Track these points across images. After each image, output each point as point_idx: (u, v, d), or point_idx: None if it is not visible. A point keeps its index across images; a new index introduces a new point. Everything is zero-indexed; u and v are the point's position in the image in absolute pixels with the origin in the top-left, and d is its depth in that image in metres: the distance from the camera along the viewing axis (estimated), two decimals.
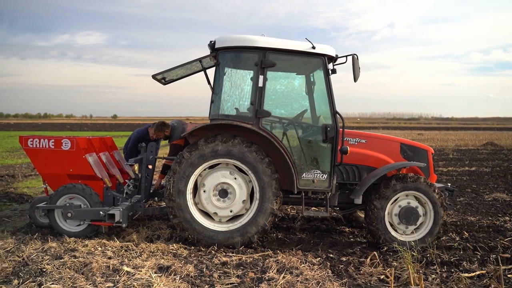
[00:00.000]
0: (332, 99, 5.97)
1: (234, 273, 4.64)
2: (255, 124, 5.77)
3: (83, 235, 5.96)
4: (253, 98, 5.84)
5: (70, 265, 4.67)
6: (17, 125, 66.16)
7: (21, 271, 4.55)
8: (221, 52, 6.02)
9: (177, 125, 7.22)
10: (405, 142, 6.68)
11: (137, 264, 4.77)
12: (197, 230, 5.71)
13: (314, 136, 6.14)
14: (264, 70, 5.81)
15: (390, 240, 5.96)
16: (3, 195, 8.93)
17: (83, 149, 6.19)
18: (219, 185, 5.78)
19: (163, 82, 6.71)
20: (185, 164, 5.66)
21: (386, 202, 5.96)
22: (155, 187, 7.02)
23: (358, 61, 5.85)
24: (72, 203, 5.96)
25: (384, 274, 4.97)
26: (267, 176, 5.67)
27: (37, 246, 5.40)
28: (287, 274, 4.61)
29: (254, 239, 5.76)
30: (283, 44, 5.86)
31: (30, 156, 6.28)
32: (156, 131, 7.25)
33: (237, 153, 5.65)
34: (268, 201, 5.70)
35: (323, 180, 5.99)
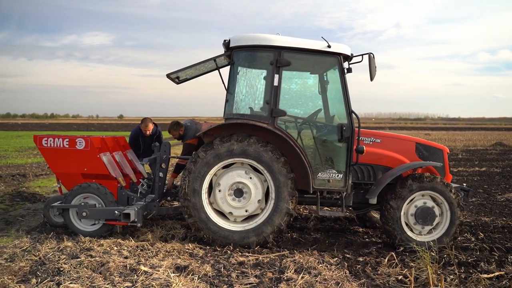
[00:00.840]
0: (348, 98, 5.92)
1: (252, 273, 4.61)
2: (270, 124, 5.74)
3: (98, 234, 5.96)
4: (269, 97, 5.80)
5: (87, 264, 4.67)
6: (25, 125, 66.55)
7: (39, 270, 4.55)
8: (235, 51, 5.99)
9: (190, 125, 7.23)
10: (421, 141, 6.62)
11: (154, 263, 4.75)
12: (212, 229, 5.68)
13: (330, 135, 6.09)
14: (280, 69, 5.77)
15: (406, 240, 5.91)
16: (15, 195, 8.95)
17: (97, 148, 6.19)
18: (234, 185, 5.75)
19: (176, 82, 6.69)
20: (201, 164, 5.63)
21: (402, 202, 5.90)
22: (168, 187, 7.01)
23: (374, 60, 5.80)
24: (87, 203, 5.95)
25: (402, 274, 4.93)
26: (283, 176, 5.64)
27: (52, 245, 5.40)
28: (305, 274, 4.58)
29: (270, 239, 5.73)
30: (299, 43, 5.82)
31: (45, 155, 6.29)
32: (171, 130, 7.30)
33: (252, 153, 5.62)
34: (284, 201, 5.67)
35: (339, 180, 5.95)
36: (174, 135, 7.42)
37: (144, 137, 7.98)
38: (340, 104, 6.19)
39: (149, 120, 7.98)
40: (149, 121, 7.96)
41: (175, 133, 7.37)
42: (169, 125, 7.36)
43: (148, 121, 7.93)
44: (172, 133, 7.43)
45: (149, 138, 8.00)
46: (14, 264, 4.76)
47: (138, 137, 7.99)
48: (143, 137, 7.97)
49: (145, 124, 7.88)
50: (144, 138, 7.99)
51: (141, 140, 7.99)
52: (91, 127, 64.66)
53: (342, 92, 5.93)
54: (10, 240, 5.71)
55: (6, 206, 7.98)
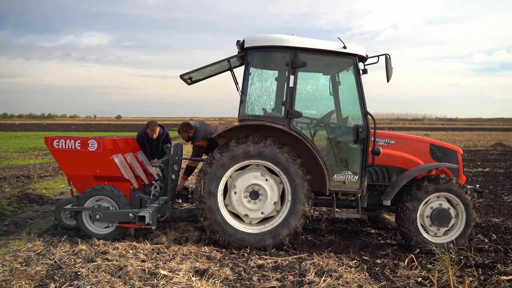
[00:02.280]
0: (364, 99, 5.87)
1: (273, 276, 4.56)
2: (286, 125, 5.68)
3: (111, 237, 5.88)
4: (284, 98, 5.75)
5: (105, 268, 4.60)
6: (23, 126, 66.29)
7: (56, 275, 4.48)
8: (250, 52, 5.93)
9: (200, 127, 7.16)
10: (435, 142, 6.58)
11: (172, 267, 4.69)
12: (228, 232, 5.62)
13: (345, 137, 6.04)
14: (295, 70, 5.72)
15: (422, 242, 5.87)
16: (22, 196, 8.87)
17: (110, 150, 6.12)
18: (250, 187, 5.69)
19: (189, 82, 6.63)
20: (216, 166, 5.57)
21: (418, 204, 5.86)
22: (178, 189, 6.94)
23: (391, 61, 5.75)
24: (101, 205, 5.88)
25: (421, 276, 4.90)
26: (299, 178, 5.59)
27: (67, 249, 5.33)
28: (327, 277, 4.53)
29: (286, 241, 5.68)
30: (315, 43, 5.77)
31: (56, 157, 6.22)
32: (181, 132, 7.21)
33: (269, 154, 5.56)
34: (300, 203, 5.62)
35: (354, 182, 5.90)
36: (183, 136, 7.34)
37: (150, 140, 7.85)
38: (354, 105, 6.14)
39: (154, 123, 7.79)
40: (155, 124, 7.77)
41: (184, 134, 7.29)
42: (179, 126, 7.28)
43: (154, 125, 7.73)
44: (181, 134, 7.36)
45: (156, 140, 7.88)
46: (30, 268, 4.69)
47: (144, 140, 7.85)
48: (149, 140, 7.84)
49: (151, 128, 7.67)
50: (151, 141, 7.87)
51: (147, 143, 7.87)
52: (90, 127, 64.49)
53: (358, 93, 5.88)
54: (22, 243, 5.64)
55: (14, 208, 7.89)
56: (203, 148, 7.00)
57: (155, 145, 7.88)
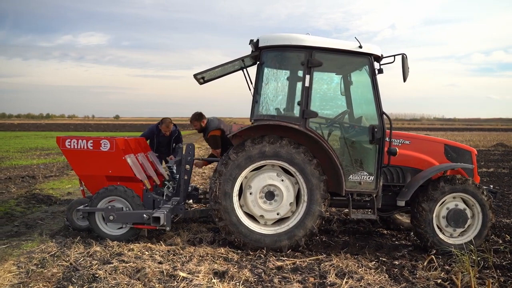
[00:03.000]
0: (379, 99, 5.82)
1: (294, 278, 4.50)
2: (302, 125, 5.63)
3: (125, 238, 5.81)
4: (300, 98, 5.69)
5: (122, 270, 4.54)
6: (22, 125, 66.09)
7: (73, 277, 4.41)
8: (264, 51, 5.87)
9: (213, 119, 7.26)
10: (449, 143, 6.53)
11: (191, 269, 4.63)
12: (243, 233, 5.56)
13: (360, 137, 5.99)
14: (311, 69, 5.66)
15: (438, 243, 5.82)
16: (30, 197, 8.79)
17: (122, 150, 6.06)
18: (265, 187, 5.63)
19: (201, 82, 6.57)
20: (232, 166, 5.51)
21: (435, 204, 5.82)
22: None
23: (407, 60, 5.70)
24: (114, 206, 5.80)
25: (441, 278, 4.85)
26: (316, 178, 5.53)
27: (81, 250, 5.27)
28: (348, 279, 4.48)
29: (302, 242, 5.62)
30: (331, 43, 5.71)
31: (68, 157, 6.15)
32: (193, 121, 7.25)
33: (285, 154, 5.50)
34: (316, 204, 5.56)
35: (370, 182, 5.85)
36: (195, 125, 7.33)
37: (160, 137, 7.83)
38: (367, 105, 6.11)
39: (169, 120, 7.82)
40: (170, 121, 7.81)
41: (197, 123, 7.28)
42: (191, 116, 7.28)
43: (169, 122, 7.78)
44: (193, 124, 7.35)
45: (167, 138, 7.86)
46: (46, 270, 4.63)
47: (154, 136, 7.82)
48: (160, 136, 7.81)
49: (166, 125, 7.72)
50: (160, 138, 7.84)
51: (156, 139, 7.84)
52: (89, 127, 64.31)
53: (373, 93, 5.83)
54: (35, 244, 5.57)
55: (23, 209, 7.81)
56: (218, 138, 7.03)
57: (165, 142, 7.86)
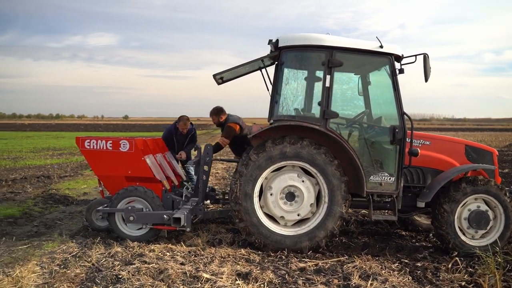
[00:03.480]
0: (400, 99, 5.77)
1: (318, 279, 4.47)
2: (322, 125, 5.59)
3: (145, 239, 5.81)
4: (320, 98, 5.65)
5: (145, 271, 4.53)
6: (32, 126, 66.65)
7: (96, 278, 4.41)
8: (284, 51, 5.84)
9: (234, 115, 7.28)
10: (470, 143, 6.46)
11: (214, 270, 4.61)
12: (264, 234, 5.54)
13: (381, 137, 5.94)
14: (332, 70, 5.62)
15: (459, 245, 5.75)
16: (47, 197, 8.83)
17: (141, 151, 6.06)
18: (286, 188, 5.60)
19: (219, 82, 6.56)
20: (253, 167, 5.49)
21: (456, 206, 5.75)
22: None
23: (429, 60, 5.64)
24: (134, 207, 5.80)
25: (465, 280, 4.79)
26: (337, 179, 5.49)
27: (102, 251, 5.27)
28: (373, 281, 4.43)
29: (322, 244, 5.59)
30: (351, 43, 5.67)
31: (87, 157, 6.17)
32: (212, 115, 7.29)
33: (306, 155, 5.47)
34: (337, 205, 5.53)
35: (391, 183, 5.80)
36: (214, 120, 7.38)
37: (178, 135, 7.84)
38: (387, 105, 6.07)
39: (186, 118, 7.83)
40: (187, 119, 7.83)
41: (215, 118, 7.32)
42: (212, 109, 7.30)
43: (186, 119, 7.79)
44: (212, 118, 7.39)
45: (184, 136, 7.87)
46: (70, 271, 4.63)
47: (173, 135, 7.84)
48: (177, 135, 7.83)
49: (183, 122, 7.73)
50: (178, 137, 7.86)
51: (175, 139, 7.86)
52: (99, 127, 64.65)
53: (394, 93, 5.78)
54: (56, 244, 5.58)
55: (41, 209, 7.86)
56: (233, 130, 7.00)
57: (182, 141, 7.86)
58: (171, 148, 7.70)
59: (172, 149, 7.72)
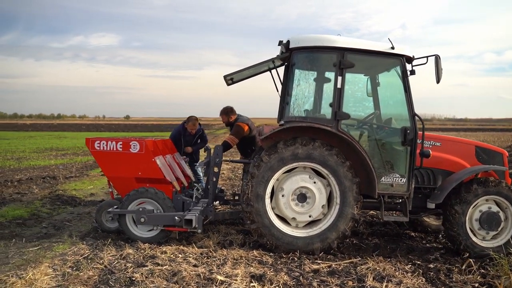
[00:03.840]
0: (411, 100, 5.75)
1: (332, 281, 4.45)
2: (334, 127, 5.57)
3: (155, 240, 5.80)
4: (332, 99, 5.64)
5: (159, 273, 4.51)
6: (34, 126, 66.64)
7: (110, 280, 4.40)
8: (295, 52, 5.82)
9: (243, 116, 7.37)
10: (480, 144, 6.45)
11: (227, 272, 4.59)
12: (275, 236, 5.52)
13: (392, 138, 5.92)
14: (343, 71, 5.60)
15: (471, 246, 5.74)
16: (55, 198, 8.82)
17: (152, 152, 6.05)
18: (297, 190, 5.59)
19: (229, 83, 6.54)
20: (264, 168, 5.47)
21: (468, 207, 5.74)
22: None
23: (441, 61, 5.62)
24: (145, 208, 5.79)
25: (478, 282, 4.78)
26: (348, 180, 5.48)
27: (113, 253, 5.26)
28: (388, 282, 4.43)
29: (334, 245, 5.58)
30: (363, 44, 5.66)
31: (97, 158, 6.16)
32: (222, 114, 7.36)
33: (318, 156, 5.46)
34: (349, 206, 5.51)
35: (402, 184, 5.78)
36: (223, 119, 7.46)
37: (186, 136, 7.84)
38: (397, 106, 6.07)
39: (195, 118, 7.84)
40: (196, 119, 7.83)
41: (225, 117, 7.41)
42: (222, 109, 7.37)
43: (195, 119, 7.80)
44: (222, 117, 7.47)
45: (192, 136, 7.87)
46: (82, 273, 4.62)
47: (181, 135, 7.83)
48: (186, 135, 7.82)
49: (192, 123, 7.74)
50: (186, 137, 7.85)
51: (183, 139, 7.85)
52: (101, 127, 64.68)
53: (405, 94, 5.76)
54: (67, 246, 5.57)
55: (49, 210, 7.85)
56: (243, 131, 7.08)
57: (190, 141, 7.86)
58: (179, 148, 7.69)
59: (180, 149, 7.71)
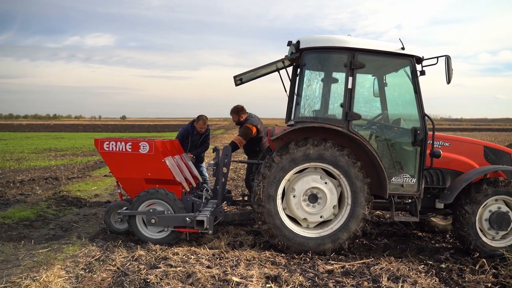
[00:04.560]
0: (421, 101, 5.76)
1: (348, 282, 4.45)
2: (345, 127, 5.58)
3: (166, 241, 5.77)
4: (343, 100, 5.64)
5: (173, 275, 4.49)
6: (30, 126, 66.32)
7: (124, 282, 4.37)
8: (305, 53, 5.82)
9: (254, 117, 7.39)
10: (488, 145, 6.47)
11: (242, 273, 4.59)
12: (287, 236, 5.52)
13: (402, 139, 5.93)
14: (354, 71, 5.60)
15: (481, 246, 5.76)
16: (59, 199, 8.77)
17: (161, 152, 6.02)
18: (309, 190, 5.59)
19: (238, 83, 6.54)
20: (276, 168, 5.47)
21: (478, 207, 5.75)
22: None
23: (451, 62, 5.64)
24: (156, 209, 5.76)
25: (490, 282, 4.79)
26: (360, 181, 5.48)
27: (125, 254, 5.23)
28: (403, 283, 4.43)
29: (345, 246, 5.58)
30: (373, 44, 5.66)
31: (106, 159, 6.13)
32: (233, 113, 7.39)
33: (329, 157, 5.46)
34: (360, 206, 5.52)
35: (412, 185, 5.80)
36: (234, 118, 7.50)
37: (194, 135, 7.78)
38: (405, 106, 6.10)
39: (205, 117, 7.75)
40: (206, 118, 7.75)
41: (235, 116, 7.45)
42: (232, 107, 7.42)
43: (205, 119, 7.72)
44: (232, 116, 7.51)
45: (199, 136, 7.82)
46: (96, 275, 4.59)
47: (189, 134, 7.77)
48: (193, 135, 7.77)
49: (203, 121, 7.66)
50: (194, 136, 7.80)
51: (191, 138, 7.81)
52: (97, 128, 64.48)
53: (415, 94, 5.77)
54: (77, 248, 5.53)
55: (55, 211, 7.81)
56: (251, 132, 7.16)
57: (197, 141, 7.82)
58: (185, 147, 7.64)
59: (186, 148, 7.66)
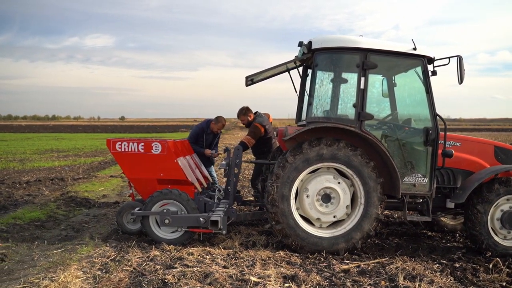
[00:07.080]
0: (433, 101, 5.79)
1: (365, 281, 4.47)
2: (357, 127, 5.60)
3: (179, 242, 5.79)
4: (355, 100, 5.66)
5: (190, 275, 4.50)
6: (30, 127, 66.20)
7: (142, 282, 4.38)
8: (318, 53, 5.84)
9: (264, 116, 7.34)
10: (498, 144, 6.50)
11: (259, 273, 4.60)
12: (301, 236, 5.54)
13: (414, 138, 5.96)
14: (366, 72, 5.63)
15: (493, 245, 5.78)
16: (68, 200, 8.78)
17: (174, 153, 6.04)
18: (322, 190, 5.61)
19: (249, 83, 6.54)
20: (289, 169, 5.49)
21: (489, 207, 5.78)
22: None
23: (463, 62, 5.66)
24: (169, 209, 5.78)
25: (505, 281, 4.82)
26: (373, 181, 5.51)
27: (140, 255, 5.24)
28: (420, 282, 4.45)
29: (358, 245, 5.60)
30: (385, 45, 5.69)
31: (118, 160, 6.14)
32: (240, 115, 7.32)
33: (342, 157, 5.48)
34: (373, 206, 5.54)
35: (424, 184, 5.82)
36: (243, 120, 7.42)
37: (208, 134, 7.68)
38: (416, 106, 6.12)
39: (224, 119, 7.62)
40: (224, 120, 7.61)
41: (244, 118, 7.38)
42: (238, 111, 7.38)
43: (224, 120, 7.58)
44: (241, 118, 7.43)
45: (213, 135, 7.74)
46: (113, 275, 4.60)
47: (203, 133, 7.64)
48: (207, 133, 7.67)
49: (221, 123, 7.54)
50: (208, 135, 7.69)
51: (205, 137, 7.74)
52: (97, 128, 64.42)
53: (427, 95, 5.80)
54: (91, 248, 5.54)
55: (64, 212, 7.81)
56: (259, 131, 7.15)
57: (210, 141, 7.75)
58: (200, 145, 7.56)
59: (202, 145, 7.55)
